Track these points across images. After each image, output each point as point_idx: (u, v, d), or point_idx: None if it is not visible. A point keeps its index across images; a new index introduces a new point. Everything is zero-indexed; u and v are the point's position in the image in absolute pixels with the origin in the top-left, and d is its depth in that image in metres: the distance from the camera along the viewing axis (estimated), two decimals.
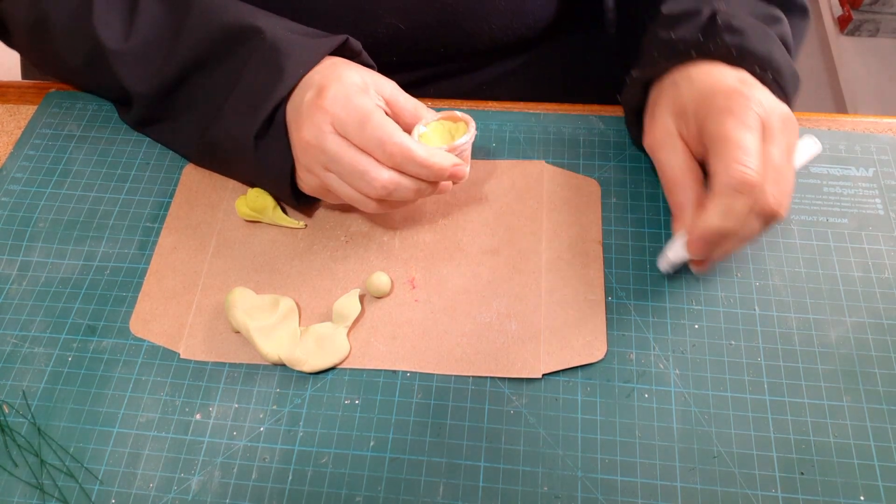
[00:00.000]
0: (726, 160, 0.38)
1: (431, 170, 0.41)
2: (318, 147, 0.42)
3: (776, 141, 0.39)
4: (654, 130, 0.44)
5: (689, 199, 0.41)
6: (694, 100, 0.42)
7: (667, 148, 0.43)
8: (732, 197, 0.38)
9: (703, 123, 0.41)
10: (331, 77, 0.43)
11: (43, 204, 0.50)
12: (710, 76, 0.42)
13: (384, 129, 0.41)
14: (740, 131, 0.38)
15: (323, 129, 0.41)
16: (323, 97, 0.42)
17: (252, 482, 0.39)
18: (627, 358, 0.43)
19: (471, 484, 0.39)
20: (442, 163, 0.42)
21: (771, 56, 0.43)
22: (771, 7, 0.46)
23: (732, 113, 0.39)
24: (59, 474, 0.40)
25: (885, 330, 0.43)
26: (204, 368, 0.43)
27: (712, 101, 0.40)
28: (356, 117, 0.41)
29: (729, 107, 0.39)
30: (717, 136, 0.39)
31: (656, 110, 0.45)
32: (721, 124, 0.39)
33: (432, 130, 0.45)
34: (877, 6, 1.45)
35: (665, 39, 0.45)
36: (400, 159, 0.41)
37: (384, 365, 0.43)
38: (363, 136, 0.41)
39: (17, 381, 0.43)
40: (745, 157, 0.38)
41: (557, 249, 0.47)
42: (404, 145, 0.40)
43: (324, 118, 0.41)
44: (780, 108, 0.40)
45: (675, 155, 0.43)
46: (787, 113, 0.41)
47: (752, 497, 0.38)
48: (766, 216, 0.39)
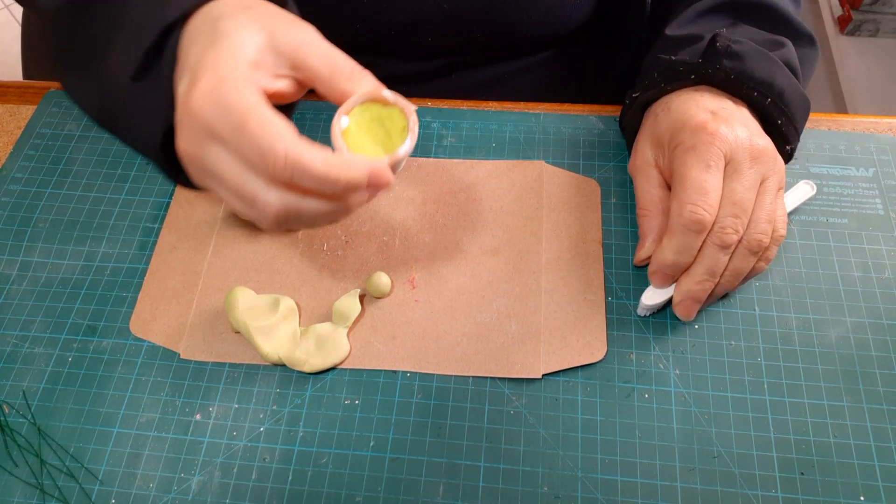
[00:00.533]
0: (681, 200, 0.40)
1: (336, 185, 0.32)
2: (197, 161, 0.34)
3: (741, 176, 0.41)
4: (635, 158, 0.47)
5: (653, 229, 0.44)
6: (668, 132, 0.43)
7: (642, 176, 0.45)
8: (685, 235, 0.40)
9: (671, 157, 0.43)
10: (208, 54, 0.33)
11: (43, 204, 0.50)
12: (686, 109, 0.43)
13: (264, 137, 0.31)
14: (698, 171, 0.40)
15: (198, 138, 0.33)
16: (193, 93, 0.32)
17: (252, 482, 0.39)
18: (627, 358, 0.43)
19: (471, 484, 0.39)
20: (350, 174, 0.32)
21: (772, 81, 0.43)
22: (775, 34, 0.47)
23: (695, 151, 0.41)
24: (59, 474, 0.40)
25: (885, 330, 0.43)
26: (204, 368, 0.43)
27: (680, 137, 0.42)
28: (230, 122, 0.31)
29: (693, 144, 0.41)
30: (678, 175, 0.41)
31: (640, 138, 0.47)
32: (682, 163, 0.41)
33: (358, 123, 0.34)
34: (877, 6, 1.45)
35: (666, 61, 0.45)
36: (290, 175, 0.31)
37: (384, 365, 0.43)
38: (242, 148, 0.32)
39: (18, 381, 0.43)
40: (698, 197, 0.40)
41: (557, 249, 0.47)
42: (291, 156, 0.31)
43: (196, 123, 0.33)
44: (749, 142, 0.41)
45: (649, 184, 0.45)
46: (760, 147, 0.41)
47: (752, 497, 0.38)
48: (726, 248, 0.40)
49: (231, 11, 0.34)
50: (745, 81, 0.43)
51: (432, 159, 0.51)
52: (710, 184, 0.40)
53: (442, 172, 0.50)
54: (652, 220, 0.44)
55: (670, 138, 0.43)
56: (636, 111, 0.48)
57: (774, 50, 0.45)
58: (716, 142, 0.41)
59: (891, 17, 1.47)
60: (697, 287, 0.41)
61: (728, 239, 0.40)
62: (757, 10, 0.48)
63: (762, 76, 0.43)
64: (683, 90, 0.45)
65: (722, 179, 0.41)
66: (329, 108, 0.54)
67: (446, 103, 0.55)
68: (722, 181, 0.41)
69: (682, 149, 0.42)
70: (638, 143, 0.47)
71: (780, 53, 0.45)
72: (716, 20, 0.48)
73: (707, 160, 0.40)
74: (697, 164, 0.40)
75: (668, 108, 0.44)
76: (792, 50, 0.46)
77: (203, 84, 0.32)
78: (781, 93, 0.43)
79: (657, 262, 0.42)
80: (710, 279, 0.41)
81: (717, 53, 0.43)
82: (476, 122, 0.53)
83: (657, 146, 0.45)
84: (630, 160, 0.47)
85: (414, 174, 0.50)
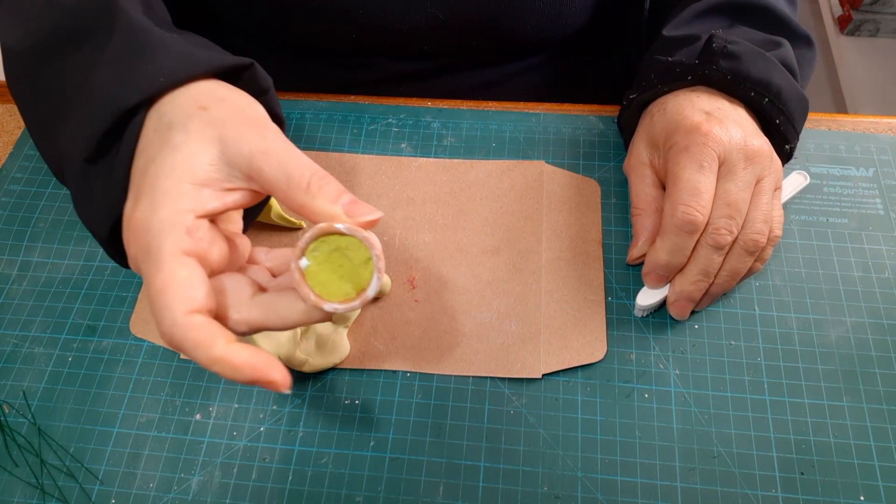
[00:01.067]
0: (673, 200, 0.40)
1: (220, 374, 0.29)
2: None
3: (735, 177, 0.41)
4: (630, 157, 0.47)
5: (646, 228, 0.44)
6: (663, 132, 0.44)
7: (636, 175, 0.46)
8: (678, 235, 0.40)
9: (666, 158, 0.43)
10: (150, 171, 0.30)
11: (43, 204, 0.50)
12: (681, 110, 0.43)
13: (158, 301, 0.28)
14: (690, 172, 0.40)
15: (133, 262, 0.30)
16: (132, 218, 0.29)
17: (252, 482, 0.40)
18: (627, 358, 0.43)
19: (471, 484, 0.39)
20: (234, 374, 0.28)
21: (769, 80, 0.43)
22: (772, 35, 0.47)
23: (688, 152, 0.41)
24: (59, 474, 0.40)
25: (885, 330, 0.43)
26: (204, 369, 0.43)
27: (675, 138, 0.42)
28: (146, 267, 0.29)
29: (687, 145, 0.41)
30: (671, 176, 0.42)
31: (636, 138, 0.47)
32: (676, 164, 0.41)
33: (318, 259, 0.31)
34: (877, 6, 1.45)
35: (663, 62, 0.45)
36: (175, 348, 0.29)
37: (384, 365, 0.43)
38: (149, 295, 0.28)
39: (18, 381, 0.43)
40: (690, 198, 0.40)
41: (557, 249, 0.47)
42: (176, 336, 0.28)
43: (129, 250, 0.30)
44: (744, 143, 0.41)
45: (643, 183, 0.45)
46: (755, 147, 0.41)
47: (752, 497, 0.38)
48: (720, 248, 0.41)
49: (184, 116, 0.31)
50: (742, 82, 0.43)
51: (432, 159, 0.51)
52: (703, 185, 0.40)
53: (442, 172, 0.50)
54: (645, 219, 0.44)
55: (665, 138, 0.43)
56: (633, 112, 0.48)
57: (771, 50, 0.45)
58: (709, 142, 0.41)
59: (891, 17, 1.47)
60: (692, 287, 0.41)
61: (721, 240, 0.40)
62: (754, 11, 0.48)
63: (759, 76, 0.43)
64: (680, 91, 0.45)
65: (715, 180, 0.41)
66: (330, 109, 0.54)
67: (446, 103, 0.55)
68: (715, 182, 0.41)
69: (676, 149, 0.42)
70: (633, 143, 0.47)
71: (777, 53, 0.45)
72: (713, 21, 0.48)
73: (700, 161, 0.40)
74: (691, 164, 0.41)
75: (664, 108, 0.44)
76: (789, 50, 0.46)
77: (138, 211, 0.29)
78: (779, 92, 0.43)
79: (650, 262, 0.42)
80: (705, 279, 0.41)
81: (713, 54, 0.43)
82: (476, 122, 0.53)
83: (652, 146, 0.45)
84: (625, 159, 0.48)
85: (414, 174, 0.50)
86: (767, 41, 0.46)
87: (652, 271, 0.42)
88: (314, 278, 0.31)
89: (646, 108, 0.47)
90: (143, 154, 0.31)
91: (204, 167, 0.30)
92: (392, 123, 0.53)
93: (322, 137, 0.53)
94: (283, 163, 0.30)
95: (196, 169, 0.30)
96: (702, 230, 0.40)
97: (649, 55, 0.48)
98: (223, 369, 0.28)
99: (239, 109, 0.32)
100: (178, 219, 0.29)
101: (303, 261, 0.30)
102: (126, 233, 0.30)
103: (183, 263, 0.28)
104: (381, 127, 0.53)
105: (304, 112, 0.54)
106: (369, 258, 0.30)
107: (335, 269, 0.31)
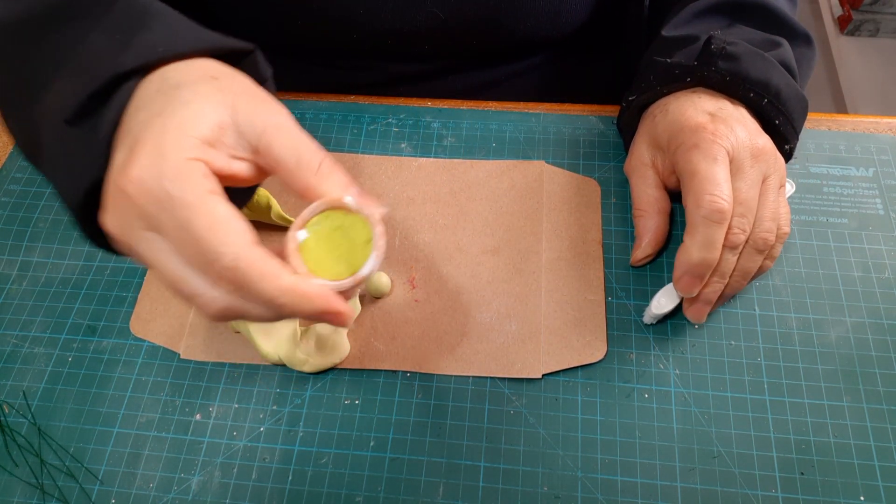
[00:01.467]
0: (697, 193, 0.40)
1: (283, 311, 0.28)
2: (126, 245, 0.29)
3: (744, 175, 0.40)
4: (631, 158, 0.47)
5: (649, 229, 0.44)
6: (667, 133, 0.43)
7: (638, 176, 0.45)
8: (708, 227, 0.39)
9: (674, 159, 0.43)
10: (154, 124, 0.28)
11: (43, 204, 0.50)
12: (683, 111, 0.43)
13: (212, 239, 0.26)
14: (707, 164, 0.40)
15: (129, 223, 0.28)
16: (128, 170, 0.27)
17: (252, 482, 0.40)
18: (627, 358, 0.43)
19: (471, 484, 0.39)
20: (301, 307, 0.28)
21: (768, 81, 0.43)
22: (771, 35, 0.47)
23: (699, 148, 0.41)
24: (59, 474, 0.40)
25: (885, 330, 0.43)
26: (204, 368, 0.43)
27: (681, 138, 0.42)
28: (172, 216, 0.27)
29: (696, 143, 0.41)
30: (687, 172, 0.41)
31: (637, 138, 0.47)
32: (688, 161, 0.41)
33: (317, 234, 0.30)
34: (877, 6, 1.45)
35: (661, 64, 0.45)
36: (236, 287, 0.27)
37: (384, 365, 0.43)
38: (184, 246, 0.27)
39: (18, 381, 0.43)
40: (713, 187, 0.39)
41: (557, 249, 0.47)
42: (242, 267, 0.27)
43: (129, 208, 0.28)
44: (749, 142, 0.41)
45: (645, 184, 0.45)
46: (760, 146, 0.41)
47: (752, 497, 0.38)
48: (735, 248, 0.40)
49: (194, 79, 0.30)
50: (741, 82, 0.43)
51: (432, 159, 0.51)
52: (721, 176, 0.40)
53: (442, 172, 0.50)
54: (648, 220, 0.44)
55: (669, 140, 0.43)
56: (633, 113, 0.48)
57: (770, 50, 0.45)
58: (718, 139, 0.40)
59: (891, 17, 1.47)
60: (708, 289, 0.41)
61: (736, 239, 0.40)
62: (753, 10, 0.48)
63: (758, 76, 0.43)
64: (681, 92, 0.45)
65: (729, 176, 0.40)
66: (330, 109, 0.54)
67: (446, 103, 0.55)
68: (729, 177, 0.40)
69: (684, 148, 0.41)
70: (635, 144, 0.47)
71: (776, 53, 0.45)
72: (712, 21, 0.48)
73: (714, 155, 0.40)
74: (705, 158, 0.40)
75: (666, 109, 0.44)
76: (788, 49, 0.46)
77: (142, 162, 0.27)
78: (778, 92, 0.43)
79: (682, 264, 0.40)
80: (720, 280, 0.41)
81: (712, 55, 0.43)
82: (476, 122, 0.53)
83: (655, 147, 0.45)
84: (626, 160, 0.48)
85: (414, 174, 0.50)
86: (766, 41, 0.46)
87: (685, 273, 0.40)
88: (309, 253, 0.29)
89: (646, 109, 0.47)
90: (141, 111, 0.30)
91: (213, 127, 0.28)
92: (392, 123, 0.53)
93: (322, 137, 0.53)
94: (295, 141, 0.29)
95: (205, 126, 0.28)
96: (729, 221, 0.39)
97: (648, 56, 0.48)
98: (293, 300, 0.27)
99: (249, 86, 0.31)
100: (193, 165, 0.27)
101: (301, 232, 0.29)
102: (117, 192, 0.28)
103: (217, 200, 0.27)
104: (381, 127, 0.53)
105: (304, 112, 0.54)
106: (369, 240, 0.29)
107: (333, 248, 0.30)
